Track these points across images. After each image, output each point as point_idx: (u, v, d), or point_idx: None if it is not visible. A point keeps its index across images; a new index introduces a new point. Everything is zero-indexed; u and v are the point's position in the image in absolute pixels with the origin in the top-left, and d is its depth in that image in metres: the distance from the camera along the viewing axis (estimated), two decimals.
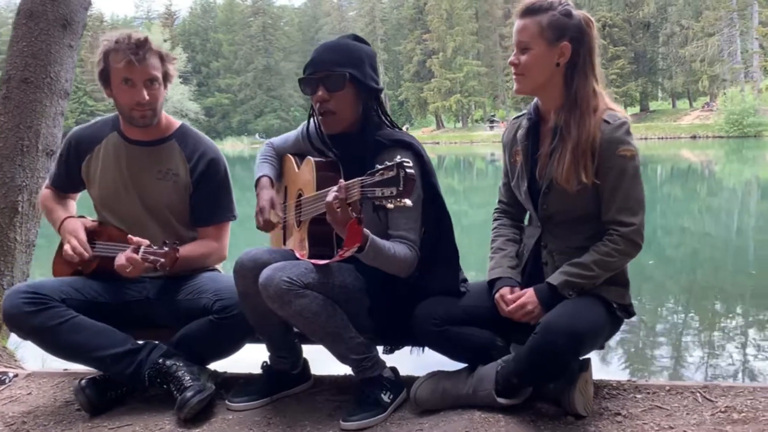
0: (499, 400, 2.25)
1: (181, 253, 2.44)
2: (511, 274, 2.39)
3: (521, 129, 2.41)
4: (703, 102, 55.18)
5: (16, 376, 2.91)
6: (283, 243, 2.67)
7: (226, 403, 2.49)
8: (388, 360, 2.50)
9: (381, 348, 2.53)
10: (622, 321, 2.35)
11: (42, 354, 3.73)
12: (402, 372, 2.57)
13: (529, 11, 2.23)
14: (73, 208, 2.78)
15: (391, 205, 1.95)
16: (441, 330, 2.32)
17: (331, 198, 2.09)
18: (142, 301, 2.62)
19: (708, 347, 5.17)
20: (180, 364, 2.45)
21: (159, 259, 2.34)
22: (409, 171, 1.91)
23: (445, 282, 2.40)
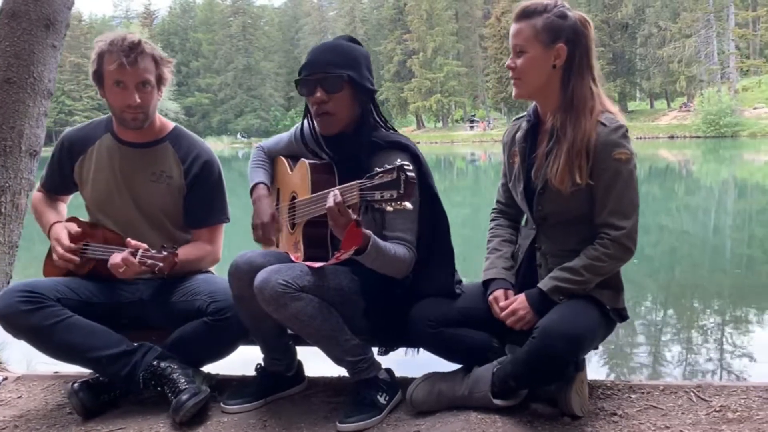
0: (495, 401, 2.26)
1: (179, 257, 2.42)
2: (506, 275, 2.40)
3: (520, 130, 2.42)
4: (681, 102, 55.67)
5: (5, 379, 2.87)
6: (276, 245, 2.66)
7: (220, 406, 2.48)
8: (382, 361, 2.49)
9: (376, 349, 2.53)
10: (615, 323, 2.36)
11: (27, 357, 3.71)
12: (396, 373, 2.56)
13: (524, 15, 2.24)
14: (64, 210, 2.75)
15: (391, 208, 1.95)
16: (436, 332, 2.32)
17: (332, 201, 2.09)
18: (135, 303, 2.60)
19: (686, 344, 5.22)
20: (175, 366, 2.44)
21: (157, 263, 2.32)
22: (410, 174, 1.92)
23: (441, 283, 2.41)
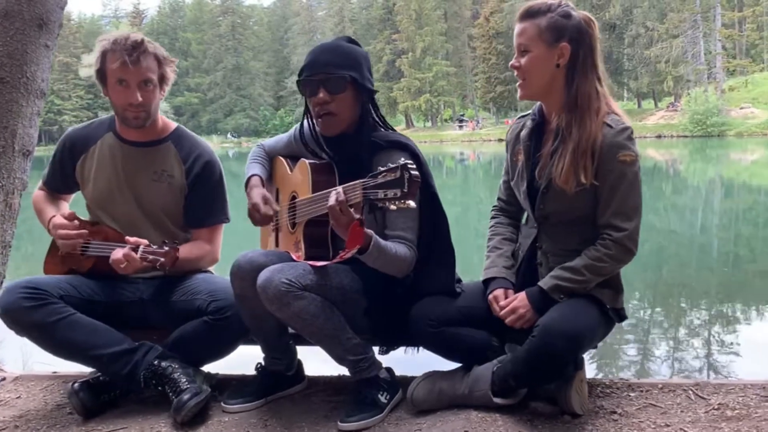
0: (496, 400, 2.27)
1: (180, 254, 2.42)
2: (506, 274, 2.41)
3: (525, 129, 2.43)
4: (668, 102, 56.04)
5: (3, 379, 2.86)
6: (276, 245, 2.67)
7: (221, 405, 2.48)
8: (382, 361, 2.50)
9: (376, 348, 2.54)
10: (614, 323, 2.37)
11: (23, 357, 3.69)
12: (396, 372, 2.57)
13: (528, 14, 2.25)
14: (66, 209, 2.74)
15: (394, 207, 1.96)
16: (437, 331, 2.33)
17: (333, 200, 2.10)
18: (136, 302, 2.60)
19: (674, 342, 5.25)
20: (176, 365, 2.44)
21: (159, 259, 2.32)
22: (414, 173, 1.92)
23: (441, 282, 2.42)
